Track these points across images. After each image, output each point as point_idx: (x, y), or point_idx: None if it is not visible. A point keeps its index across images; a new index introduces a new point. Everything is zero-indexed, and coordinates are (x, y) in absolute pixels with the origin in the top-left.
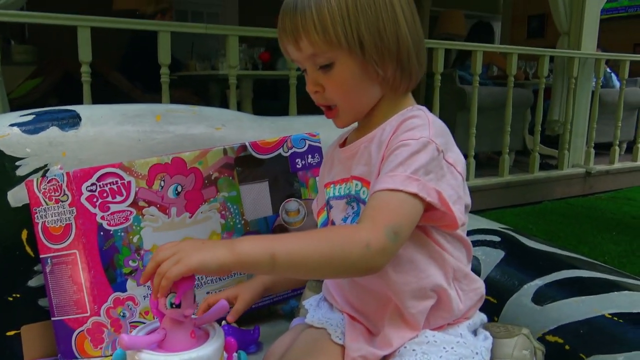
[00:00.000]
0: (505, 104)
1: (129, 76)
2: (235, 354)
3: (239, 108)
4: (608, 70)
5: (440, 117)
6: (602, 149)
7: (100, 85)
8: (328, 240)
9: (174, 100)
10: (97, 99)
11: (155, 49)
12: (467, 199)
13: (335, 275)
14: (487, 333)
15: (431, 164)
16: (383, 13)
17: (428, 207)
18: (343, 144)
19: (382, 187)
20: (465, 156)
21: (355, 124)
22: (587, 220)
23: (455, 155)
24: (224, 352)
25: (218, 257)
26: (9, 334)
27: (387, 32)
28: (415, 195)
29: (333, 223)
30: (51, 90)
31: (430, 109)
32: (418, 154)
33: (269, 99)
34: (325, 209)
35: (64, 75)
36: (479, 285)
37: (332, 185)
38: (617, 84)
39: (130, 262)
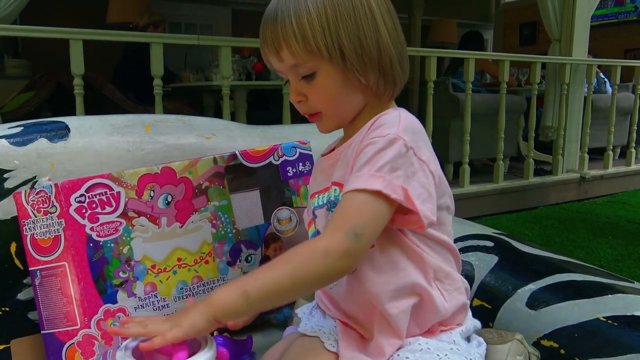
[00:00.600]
0: (498, 111)
1: (122, 88)
2: None
3: (233, 119)
4: (602, 75)
5: (434, 125)
6: (596, 154)
7: (93, 98)
8: (290, 261)
9: (167, 112)
10: (90, 112)
11: (148, 61)
12: (446, 200)
13: (309, 290)
14: (481, 339)
15: (398, 161)
16: (363, 21)
17: (399, 206)
18: (327, 153)
19: (348, 188)
20: (460, 163)
21: (342, 133)
22: (582, 225)
23: (428, 154)
24: None
25: (202, 314)
26: None
27: (367, 40)
28: (379, 193)
29: (318, 232)
30: (44, 103)
31: (424, 117)
32: (384, 151)
33: (263, 109)
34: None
35: (56, 88)
36: (463, 284)
37: (316, 195)
38: (610, 89)
39: (121, 274)
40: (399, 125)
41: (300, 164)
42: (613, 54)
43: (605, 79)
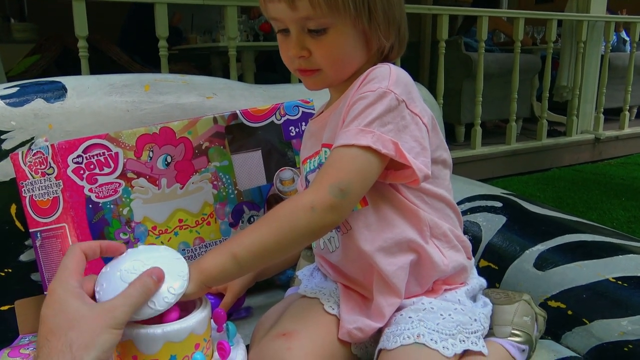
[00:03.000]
0: (512, 71)
1: (128, 51)
2: (224, 325)
3: (241, 81)
4: (624, 34)
5: (446, 85)
6: (612, 115)
7: (100, 61)
8: (276, 218)
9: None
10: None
11: (153, 21)
12: (441, 153)
13: (297, 246)
14: (487, 299)
15: (388, 115)
16: None
17: (391, 162)
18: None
19: (337, 143)
20: (472, 124)
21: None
22: (596, 187)
23: (421, 107)
24: (214, 323)
25: (192, 280)
26: (2, 308)
27: None
28: (368, 148)
29: None
30: (51, 66)
31: (435, 77)
32: (374, 105)
33: (271, 71)
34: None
35: (62, 51)
36: (462, 243)
37: (308, 161)
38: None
39: (121, 235)
40: (389, 78)
41: (303, 124)
42: (633, 11)
43: (627, 38)
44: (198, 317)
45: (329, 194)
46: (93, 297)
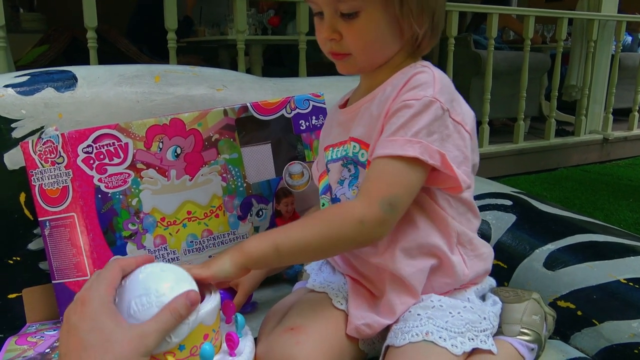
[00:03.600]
0: (521, 69)
1: (137, 42)
2: (233, 317)
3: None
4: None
5: (454, 83)
6: (621, 115)
7: (108, 52)
8: (325, 222)
9: None
10: None
11: (162, 14)
12: (476, 158)
13: (337, 252)
14: (496, 298)
15: (434, 124)
16: None
17: (433, 168)
18: (344, 105)
19: (382, 153)
20: (479, 122)
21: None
22: (603, 187)
23: (462, 112)
24: (222, 314)
25: (232, 260)
26: (10, 296)
27: None
28: (415, 160)
29: (330, 186)
30: (59, 57)
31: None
32: (420, 115)
33: (279, 65)
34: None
35: (71, 42)
36: (486, 250)
37: (330, 149)
38: None
39: (130, 226)
40: (434, 86)
41: (314, 117)
42: None
43: None
44: (207, 308)
45: (380, 210)
46: None
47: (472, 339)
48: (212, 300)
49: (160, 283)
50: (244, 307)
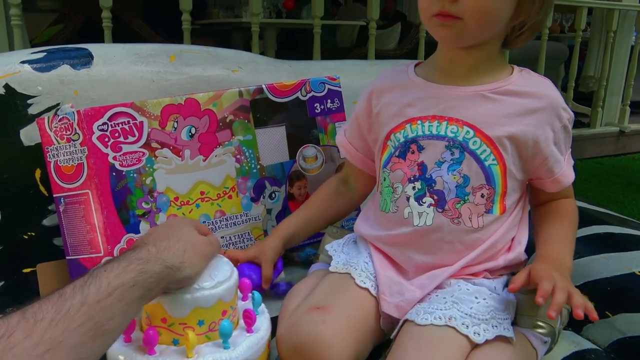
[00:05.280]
0: (538, 59)
1: (151, 23)
2: (249, 295)
3: None
4: None
5: None
6: (638, 108)
7: (122, 33)
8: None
9: None
10: None
11: None
12: None
13: None
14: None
15: None
16: None
17: None
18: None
19: (564, 171)
20: None
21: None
22: (617, 181)
23: None
24: (239, 292)
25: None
26: (25, 271)
27: None
28: None
29: (423, 165)
30: (74, 37)
31: None
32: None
33: (293, 50)
34: (389, 146)
35: (86, 21)
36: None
37: (419, 122)
38: None
39: (143, 204)
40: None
41: (329, 101)
42: None
43: None
44: (227, 285)
45: None
46: None
47: (496, 326)
48: (231, 278)
49: None
50: (277, 287)
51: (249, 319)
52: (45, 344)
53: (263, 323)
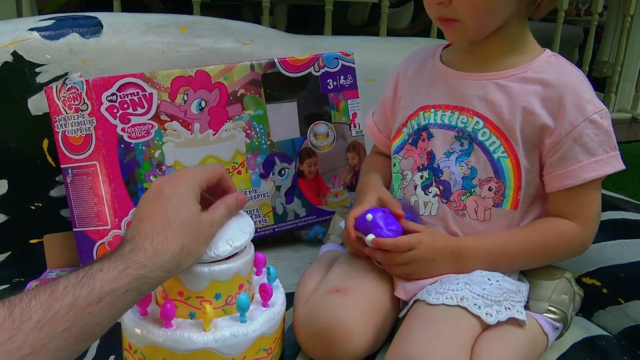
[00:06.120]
0: (552, 42)
1: None
2: (264, 269)
3: None
4: None
5: None
6: None
7: (132, 4)
8: (548, 249)
9: None
10: None
11: None
12: None
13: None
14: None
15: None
16: None
17: None
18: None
19: (594, 175)
20: None
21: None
22: (628, 168)
23: None
24: (253, 267)
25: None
26: (32, 241)
27: None
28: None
29: (432, 154)
30: (83, 7)
31: None
32: (609, 127)
33: (303, 27)
34: (404, 132)
35: None
36: None
37: (432, 110)
38: None
39: (152, 177)
40: (591, 88)
41: (342, 77)
42: None
43: None
44: (244, 259)
45: (594, 233)
46: None
47: (509, 309)
48: (248, 252)
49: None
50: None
51: (265, 293)
52: (27, 347)
53: (279, 298)
